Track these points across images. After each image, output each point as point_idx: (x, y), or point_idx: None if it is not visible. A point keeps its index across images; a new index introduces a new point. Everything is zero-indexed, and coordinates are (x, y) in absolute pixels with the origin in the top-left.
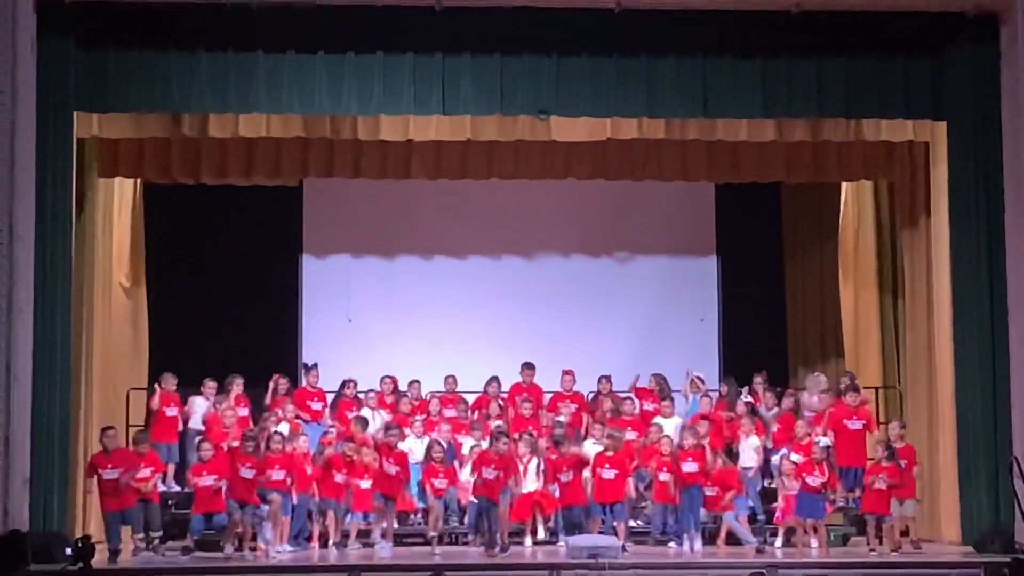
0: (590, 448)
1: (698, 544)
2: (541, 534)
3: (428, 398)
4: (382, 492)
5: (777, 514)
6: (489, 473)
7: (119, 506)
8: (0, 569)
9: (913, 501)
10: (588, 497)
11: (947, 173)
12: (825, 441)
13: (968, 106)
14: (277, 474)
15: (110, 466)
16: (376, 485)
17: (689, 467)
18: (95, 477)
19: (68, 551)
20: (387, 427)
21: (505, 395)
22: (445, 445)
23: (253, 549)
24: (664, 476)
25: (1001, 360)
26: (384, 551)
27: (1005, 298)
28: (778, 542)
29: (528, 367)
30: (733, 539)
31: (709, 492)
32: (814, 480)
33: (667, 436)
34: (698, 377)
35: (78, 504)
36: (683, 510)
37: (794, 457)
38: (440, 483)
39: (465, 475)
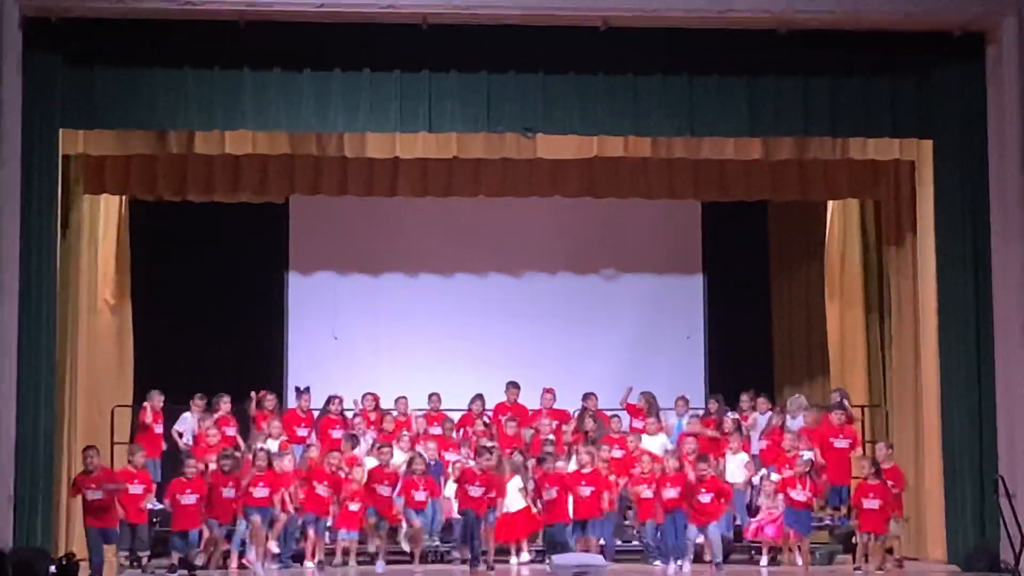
0: (572, 466)
1: (687, 567)
2: (525, 556)
3: (412, 416)
4: (377, 510)
5: (753, 526)
6: (474, 491)
7: (102, 523)
8: None
9: (897, 521)
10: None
11: (933, 192)
12: (808, 455)
13: (954, 125)
14: (260, 492)
15: (93, 486)
16: (369, 504)
17: (670, 493)
18: (79, 496)
19: (52, 568)
20: (379, 447)
21: (490, 413)
22: (427, 458)
23: (243, 566)
24: (646, 493)
25: (987, 379)
26: (378, 568)
27: (991, 316)
28: (763, 560)
29: (513, 386)
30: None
31: (704, 499)
32: (798, 495)
33: (646, 454)
34: (682, 398)
35: (62, 522)
36: (666, 534)
37: (774, 477)
38: (420, 496)
39: (450, 491)
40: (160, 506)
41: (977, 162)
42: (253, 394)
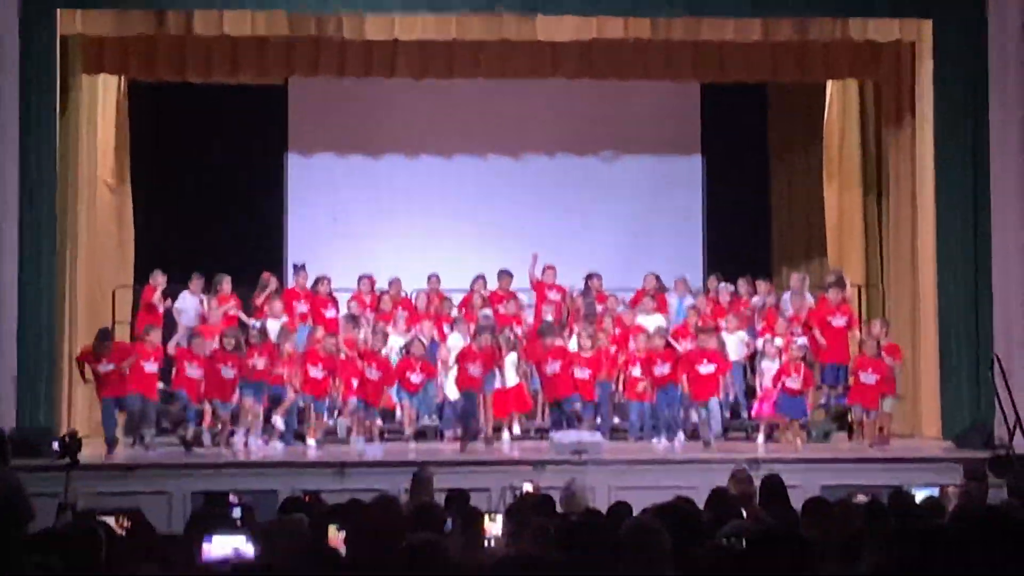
0: (572, 346)
1: (680, 441)
2: (517, 431)
3: (412, 296)
4: (364, 399)
5: (755, 407)
6: (474, 370)
7: (118, 393)
8: None
9: (892, 399)
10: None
11: (932, 72)
12: (802, 341)
13: (953, 4)
14: (258, 363)
15: (105, 360)
16: (358, 391)
17: (662, 369)
18: (91, 370)
19: (55, 447)
20: (372, 330)
21: (488, 294)
22: (427, 342)
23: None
24: (635, 372)
25: (983, 258)
26: (370, 450)
27: (989, 196)
28: (760, 438)
29: (506, 274)
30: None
31: (705, 369)
32: (793, 382)
33: (641, 332)
34: (682, 279)
35: (64, 402)
36: (659, 409)
37: (777, 341)
38: (416, 378)
39: (451, 373)
40: (160, 385)
41: (976, 42)
42: (262, 280)
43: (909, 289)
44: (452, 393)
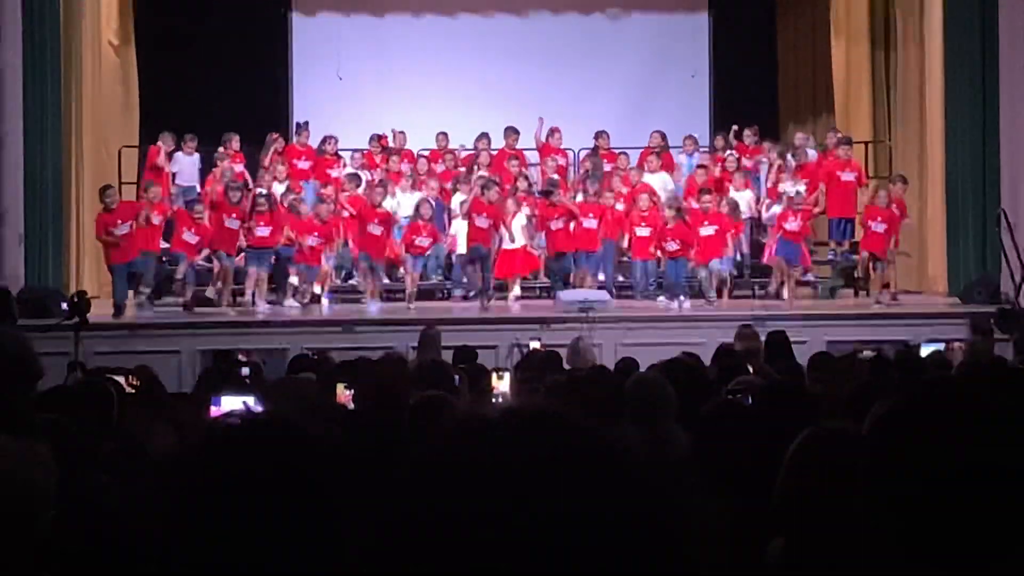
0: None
1: (687, 303)
2: (518, 291)
3: (416, 156)
4: (367, 254)
5: (766, 254)
6: (482, 222)
7: (127, 258)
8: None
9: (893, 252)
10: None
11: None
12: (800, 187)
13: None
14: (262, 231)
15: (120, 221)
16: (360, 246)
17: (671, 246)
18: (106, 234)
19: (64, 306)
20: (370, 185)
21: (495, 152)
22: (434, 204)
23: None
24: (642, 231)
25: (991, 114)
26: (373, 307)
27: (997, 52)
28: (771, 286)
29: (512, 131)
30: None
31: (707, 231)
32: (791, 224)
33: (645, 191)
34: (690, 136)
35: (72, 261)
36: (667, 276)
37: (782, 187)
38: (422, 241)
39: (456, 228)
40: (165, 245)
41: None
42: (268, 141)
43: (917, 144)
44: (462, 247)
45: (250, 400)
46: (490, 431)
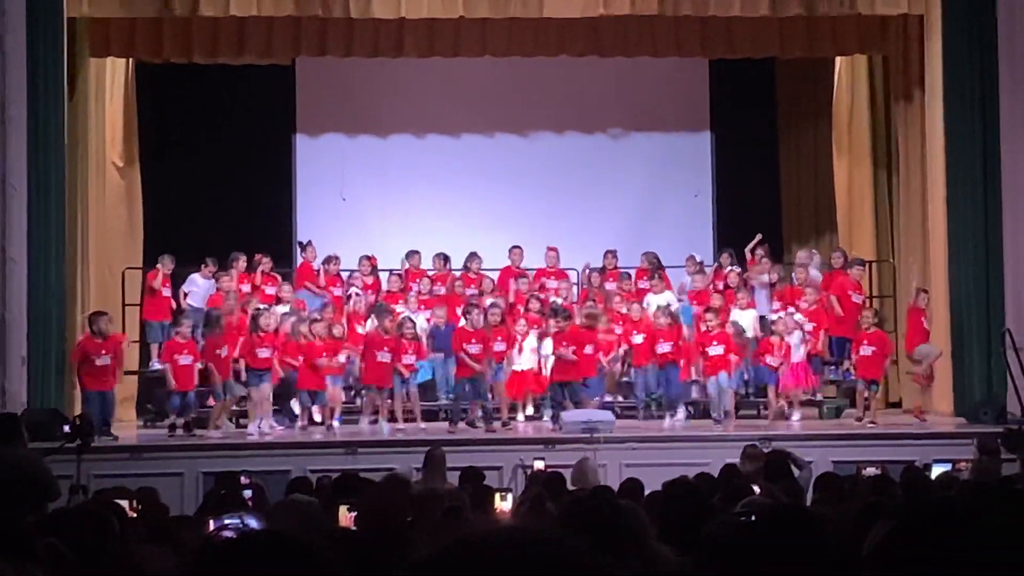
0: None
1: (680, 416)
2: (530, 411)
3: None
4: (375, 384)
5: (781, 381)
6: (472, 348)
7: (104, 387)
8: None
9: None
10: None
11: (941, 45)
12: (798, 317)
13: None
14: (263, 353)
15: (104, 352)
16: (367, 377)
17: (663, 348)
18: (87, 362)
19: (66, 428)
20: (377, 314)
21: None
22: (415, 320)
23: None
24: (637, 339)
25: (994, 233)
26: (386, 428)
27: (999, 171)
28: (796, 415)
29: (517, 248)
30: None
31: (715, 351)
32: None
33: (636, 303)
34: (691, 257)
35: (75, 383)
36: (660, 386)
37: (797, 317)
38: (408, 359)
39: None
40: (159, 367)
41: (985, 15)
42: (256, 261)
43: (920, 264)
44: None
45: (252, 521)
46: (480, 553)
